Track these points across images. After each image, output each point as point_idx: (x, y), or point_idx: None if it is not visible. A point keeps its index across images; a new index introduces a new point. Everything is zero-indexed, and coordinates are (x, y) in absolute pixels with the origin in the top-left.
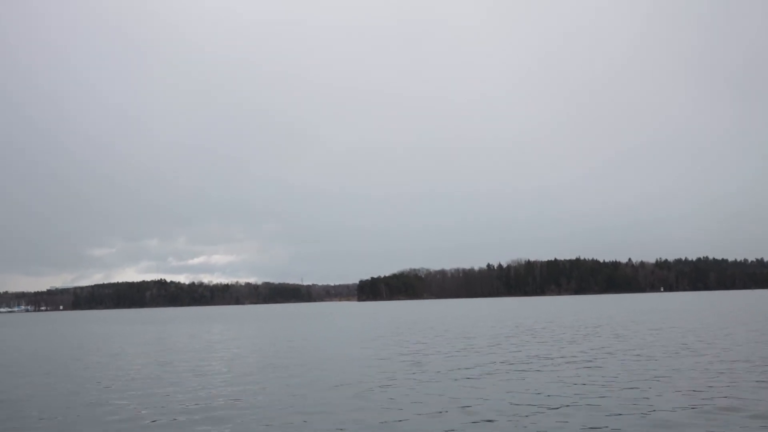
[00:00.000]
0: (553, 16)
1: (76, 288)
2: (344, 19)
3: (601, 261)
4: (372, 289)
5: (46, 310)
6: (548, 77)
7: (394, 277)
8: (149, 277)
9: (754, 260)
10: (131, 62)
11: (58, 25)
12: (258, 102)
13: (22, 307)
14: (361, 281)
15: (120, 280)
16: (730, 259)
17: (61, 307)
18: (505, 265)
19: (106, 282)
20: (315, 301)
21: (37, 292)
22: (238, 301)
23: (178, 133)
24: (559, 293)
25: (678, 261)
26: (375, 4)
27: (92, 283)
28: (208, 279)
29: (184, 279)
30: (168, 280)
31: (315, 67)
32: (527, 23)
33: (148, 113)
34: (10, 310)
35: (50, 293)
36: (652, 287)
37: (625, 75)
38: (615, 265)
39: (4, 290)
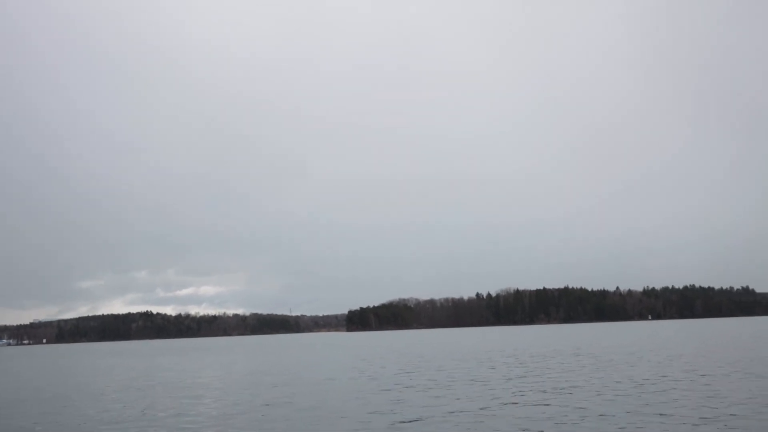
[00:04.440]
0: (558, 58)
1: (60, 321)
2: (345, 59)
3: (590, 290)
4: (361, 320)
5: (29, 344)
6: (546, 120)
7: (384, 307)
8: (135, 308)
9: (740, 288)
10: (127, 93)
11: (58, 57)
12: (249, 134)
13: (4, 340)
14: (350, 311)
15: (106, 312)
16: (716, 287)
17: (44, 341)
18: (494, 294)
19: (91, 314)
20: (303, 331)
21: (20, 325)
22: (225, 332)
23: (171, 163)
24: (548, 322)
25: (665, 289)
26: (377, 45)
27: (77, 316)
28: (195, 310)
29: (170, 311)
30: (154, 312)
31: (309, 102)
32: (531, 66)
33: (142, 143)
34: None
35: (33, 326)
36: (640, 316)
37: (624, 114)
38: (603, 294)
39: None
